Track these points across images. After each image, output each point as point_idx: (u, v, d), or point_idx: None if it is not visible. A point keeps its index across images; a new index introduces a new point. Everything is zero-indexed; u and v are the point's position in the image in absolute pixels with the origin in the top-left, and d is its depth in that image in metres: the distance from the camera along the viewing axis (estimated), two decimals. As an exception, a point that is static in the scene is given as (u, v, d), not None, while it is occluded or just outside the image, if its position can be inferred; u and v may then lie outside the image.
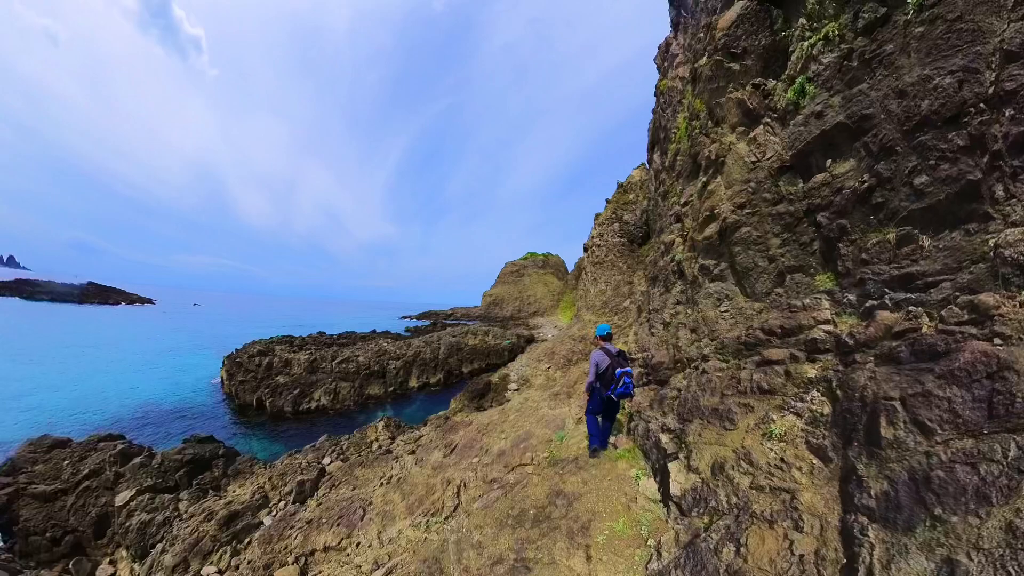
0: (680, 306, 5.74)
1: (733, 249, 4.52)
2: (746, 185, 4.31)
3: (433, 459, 6.63)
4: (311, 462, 8.22)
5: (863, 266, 3.19)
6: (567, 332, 27.09)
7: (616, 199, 23.39)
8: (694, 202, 5.55)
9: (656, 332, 6.13)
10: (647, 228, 21.35)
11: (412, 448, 8.41)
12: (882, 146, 2.97)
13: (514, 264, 72.23)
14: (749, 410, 3.69)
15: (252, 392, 19.04)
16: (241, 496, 6.98)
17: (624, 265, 23.97)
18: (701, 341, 4.97)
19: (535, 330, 41.10)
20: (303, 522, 5.57)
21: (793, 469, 2.93)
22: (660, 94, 13.73)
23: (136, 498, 7.35)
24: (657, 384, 5.74)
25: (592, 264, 27.07)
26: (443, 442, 7.56)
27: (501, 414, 8.99)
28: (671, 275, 6.05)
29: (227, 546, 5.77)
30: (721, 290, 4.83)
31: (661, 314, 6.14)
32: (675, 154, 7.65)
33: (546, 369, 19.68)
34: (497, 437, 6.74)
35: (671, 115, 10.60)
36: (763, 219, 4.16)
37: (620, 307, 22.49)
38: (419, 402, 21.58)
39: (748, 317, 4.34)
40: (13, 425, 15.51)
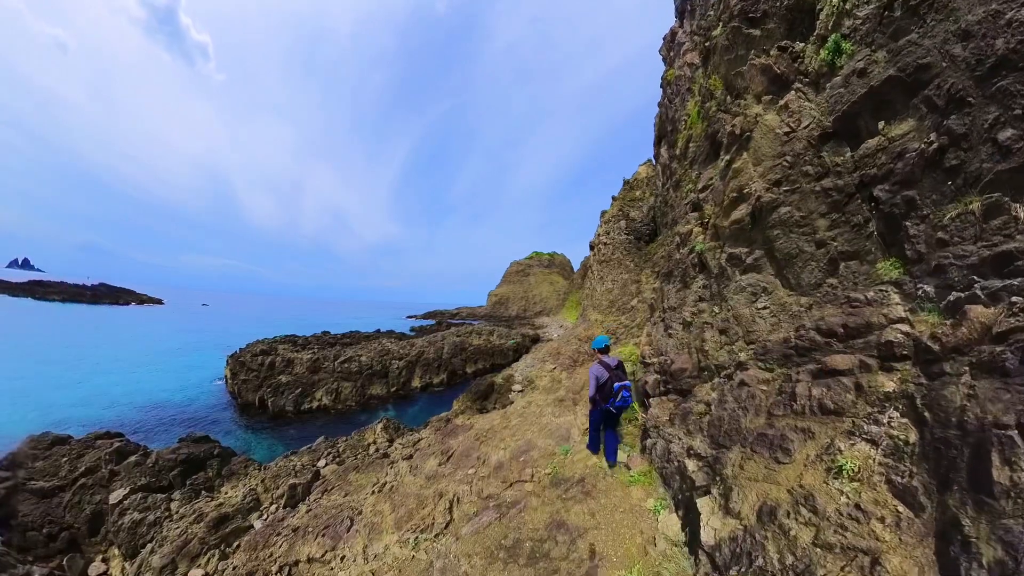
0: (703, 303, 5.10)
1: (770, 233, 3.91)
2: (780, 159, 3.79)
3: (428, 467, 6.40)
4: (306, 465, 8.09)
5: (940, 248, 2.58)
6: (573, 332, 26.77)
7: (622, 196, 23.02)
8: (715, 185, 5.03)
9: (674, 333, 5.60)
10: (654, 225, 20.95)
11: (410, 452, 8.22)
12: (950, 97, 2.51)
13: (519, 264, 72.31)
14: (808, 436, 2.96)
15: (254, 391, 19.09)
16: (233, 498, 6.86)
17: (631, 263, 23.57)
18: (734, 344, 4.30)
19: (540, 330, 40.81)
20: (290, 529, 5.40)
21: (873, 520, 2.25)
22: (667, 85, 13.41)
23: (129, 497, 7.31)
24: (678, 395, 5.05)
25: (598, 262, 26.70)
26: (440, 448, 7.31)
27: (503, 418, 8.73)
28: (690, 268, 5.52)
29: (215, 549, 5.64)
30: (757, 283, 4.16)
31: (679, 313, 5.62)
32: (686, 141, 7.35)
33: (551, 370, 19.38)
34: (496, 446, 6.43)
35: (680, 104, 10.30)
36: (805, 197, 3.59)
37: (627, 306, 22.10)
38: (422, 402, 21.46)
39: (795, 315, 3.68)
40: (21, 422, 15.72)
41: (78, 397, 19.93)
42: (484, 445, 6.68)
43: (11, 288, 68.54)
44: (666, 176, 15.77)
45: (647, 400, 5.61)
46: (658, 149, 16.47)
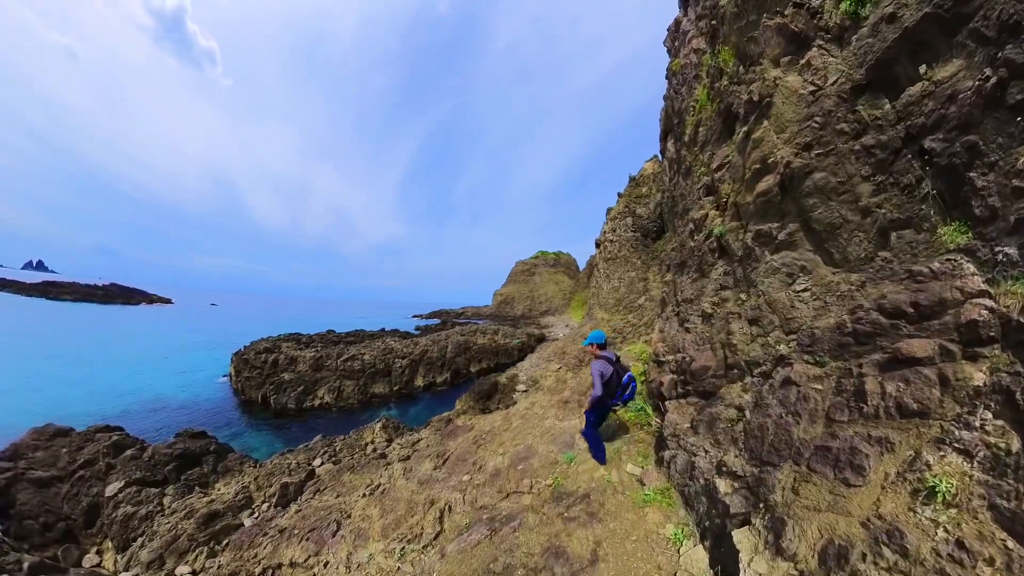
0: (726, 292, 4.61)
1: (805, 203, 3.50)
2: (808, 122, 3.44)
3: (422, 471, 6.18)
4: (301, 463, 8.02)
5: (1019, 198, 2.19)
6: (578, 331, 26.49)
7: (628, 193, 22.71)
8: (732, 161, 4.64)
9: (693, 327, 5.10)
10: (662, 222, 20.59)
11: (408, 453, 8.07)
12: (1002, 25, 2.23)
13: (525, 263, 72.36)
14: (886, 448, 2.37)
15: (257, 389, 19.24)
16: (225, 495, 6.82)
17: (638, 261, 23.22)
18: (769, 336, 3.80)
19: (546, 329, 40.57)
20: (277, 530, 5.29)
21: (980, 562, 1.73)
22: (672, 76, 13.09)
23: (124, 490, 7.33)
24: (699, 397, 4.56)
25: (605, 260, 26.37)
26: (437, 450, 7.08)
27: (504, 420, 8.52)
28: (707, 255, 5.08)
29: (204, 546, 5.59)
30: (793, 262, 3.66)
31: (697, 304, 5.14)
32: (695, 126, 7.02)
33: (556, 370, 19.16)
34: (494, 451, 6.18)
35: (687, 93, 9.94)
36: (843, 158, 3.22)
37: (635, 304, 21.76)
38: (424, 402, 21.41)
39: (845, 295, 3.19)
40: (31, 416, 16.05)
41: (86, 393, 20.34)
42: (482, 449, 6.45)
43: (25, 288, 71.25)
44: (673, 170, 15.43)
45: (663, 404, 5.13)
46: (664, 144, 16.15)
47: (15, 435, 10.02)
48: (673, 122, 13.39)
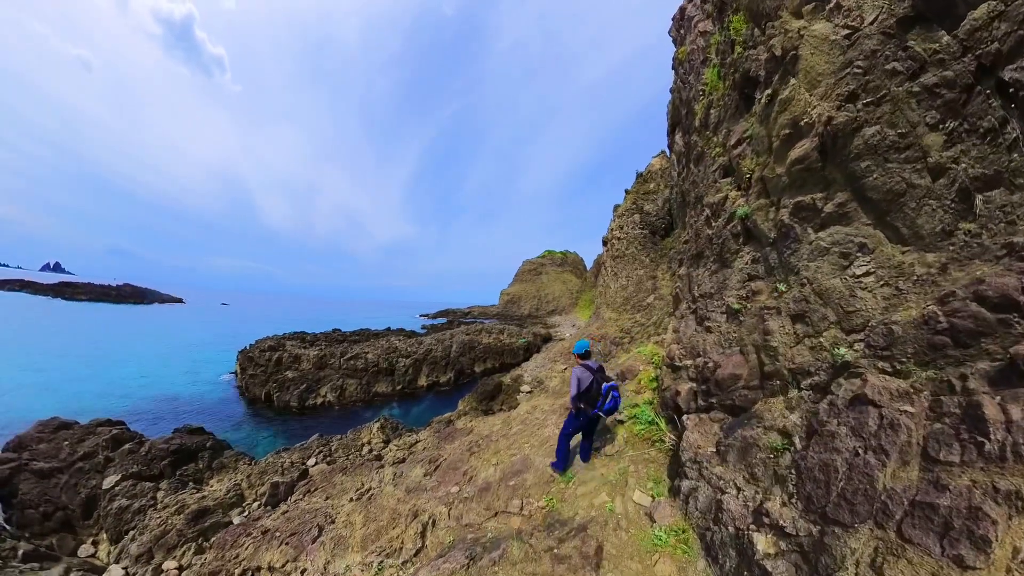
0: (758, 282, 3.96)
1: (856, 168, 2.93)
2: (848, 69, 2.94)
3: (412, 477, 6.04)
4: (295, 462, 8.04)
5: None
6: (585, 331, 26.20)
7: (636, 189, 22.35)
8: (754, 132, 4.14)
9: (715, 326, 4.50)
10: (670, 218, 20.21)
11: (403, 455, 7.99)
12: None
13: (532, 262, 72.33)
14: (1018, 508, 1.71)
15: (261, 386, 19.53)
16: (216, 492, 6.87)
17: (647, 259, 22.85)
18: (822, 335, 3.09)
19: (553, 329, 40.33)
20: (260, 531, 5.27)
21: None
22: (679, 65, 12.78)
23: (121, 483, 7.45)
24: (727, 412, 3.91)
25: (612, 258, 26.04)
26: (431, 455, 6.97)
27: (504, 424, 8.34)
28: (729, 241, 4.51)
29: (192, 542, 5.62)
30: (847, 238, 3.02)
31: (719, 299, 4.55)
32: (707, 108, 6.64)
33: (562, 371, 19.00)
34: (487, 460, 5.92)
35: (695, 80, 9.58)
36: (899, 105, 2.67)
37: (643, 303, 21.42)
38: (427, 402, 21.43)
39: (924, 280, 2.56)
40: (43, 411, 16.60)
41: (98, 389, 21.00)
42: (475, 457, 6.23)
43: (43, 289, 74.66)
44: (681, 164, 15.08)
45: (680, 419, 4.50)
46: (672, 137, 15.81)
47: (24, 428, 10.37)
48: (681, 113, 13.08)
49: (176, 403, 19.37)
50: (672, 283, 21.07)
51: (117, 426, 9.60)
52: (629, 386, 6.81)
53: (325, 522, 5.07)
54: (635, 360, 8.21)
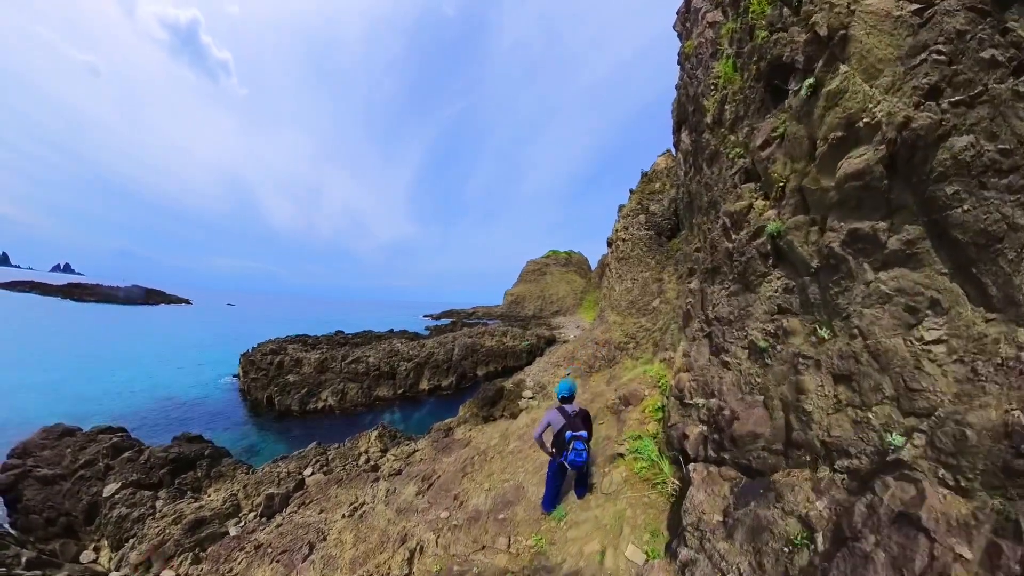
0: (791, 319, 3.36)
1: (939, 192, 2.25)
2: (924, 54, 2.31)
3: (405, 495, 5.97)
4: (292, 472, 8.09)
5: None
6: (589, 335, 26.07)
7: (641, 189, 22.20)
8: (788, 130, 3.51)
9: (734, 363, 3.99)
10: (676, 219, 20.04)
11: (400, 466, 7.97)
12: None
13: (536, 262, 72.51)
14: None
15: (263, 390, 19.73)
16: (213, 502, 6.94)
17: (652, 260, 22.70)
18: (871, 409, 2.54)
19: (557, 330, 40.23)
20: (254, 545, 5.31)
21: None
22: (685, 60, 12.57)
23: (120, 491, 7.58)
24: (740, 471, 3.47)
25: (617, 260, 25.89)
26: (425, 471, 6.87)
27: (502, 438, 8.19)
28: (755, 261, 3.90)
29: (189, 552, 5.68)
30: (916, 287, 2.39)
31: (740, 329, 3.99)
32: (720, 104, 6.19)
33: (565, 376, 18.94)
34: (480, 483, 5.76)
35: (703, 74, 9.22)
36: (1003, 109, 2.05)
37: (648, 307, 21.27)
38: (429, 406, 21.47)
39: (1009, 367, 2.02)
40: (47, 413, 16.93)
41: (103, 390, 21.41)
42: (467, 479, 6.07)
43: (52, 290, 76.60)
44: (688, 163, 14.89)
45: (687, 467, 4.02)
46: (679, 135, 15.66)
47: (29, 432, 10.59)
48: (688, 110, 12.85)
49: (180, 406, 19.66)
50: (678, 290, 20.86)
51: (118, 433, 9.76)
52: (632, 414, 6.55)
53: (317, 539, 5.08)
54: (639, 382, 7.79)
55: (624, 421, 6.33)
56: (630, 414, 6.51)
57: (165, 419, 17.59)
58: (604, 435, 6.12)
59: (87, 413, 17.21)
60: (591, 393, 14.47)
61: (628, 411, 6.68)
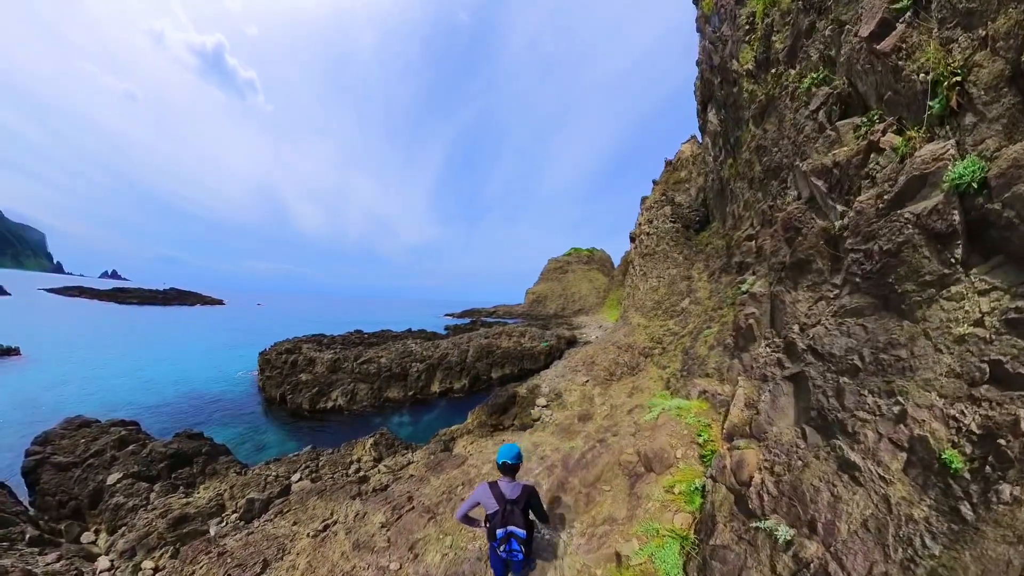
0: None
1: None
2: None
3: (368, 528, 5.66)
4: (280, 476, 8.35)
5: None
6: (611, 338, 25.34)
7: (665, 179, 21.31)
8: None
9: (867, 468, 2.41)
10: (706, 210, 19.03)
11: (388, 480, 7.90)
12: None
13: (557, 260, 72.74)
14: None
15: (277, 387, 20.82)
16: (200, 499, 7.35)
17: (680, 256, 21.73)
18: None
19: (578, 330, 39.58)
20: (219, 551, 5.47)
21: None
22: (706, 22, 11.72)
23: (121, 481, 8.26)
24: None
25: (641, 256, 25.02)
26: (400, 498, 6.48)
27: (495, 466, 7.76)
28: (910, 252, 2.39)
29: (170, 546, 6.05)
30: None
31: (879, 391, 2.48)
32: (764, 40, 4.81)
33: (583, 384, 18.27)
34: (443, 536, 5.12)
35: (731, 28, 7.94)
36: None
37: (676, 308, 20.38)
38: (439, 409, 21.72)
39: None
40: (78, 405, 18.86)
41: (135, 383, 23.61)
42: (434, 524, 5.44)
43: (99, 295, 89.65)
44: (717, 147, 14.04)
45: None
46: (704, 117, 14.82)
47: (55, 422, 11.79)
48: (713, 85, 11.97)
49: (202, 398, 21.35)
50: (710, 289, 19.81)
51: (129, 426, 10.61)
52: (653, 487, 4.57)
53: (275, 556, 5.18)
54: (671, 431, 5.37)
55: (639, 497, 4.47)
56: (650, 487, 4.61)
57: (185, 412, 19.08)
58: (606, 514, 4.48)
59: (117, 404, 19.15)
60: (614, 399, 13.82)
61: (648, 481, 4.75)
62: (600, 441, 7.15)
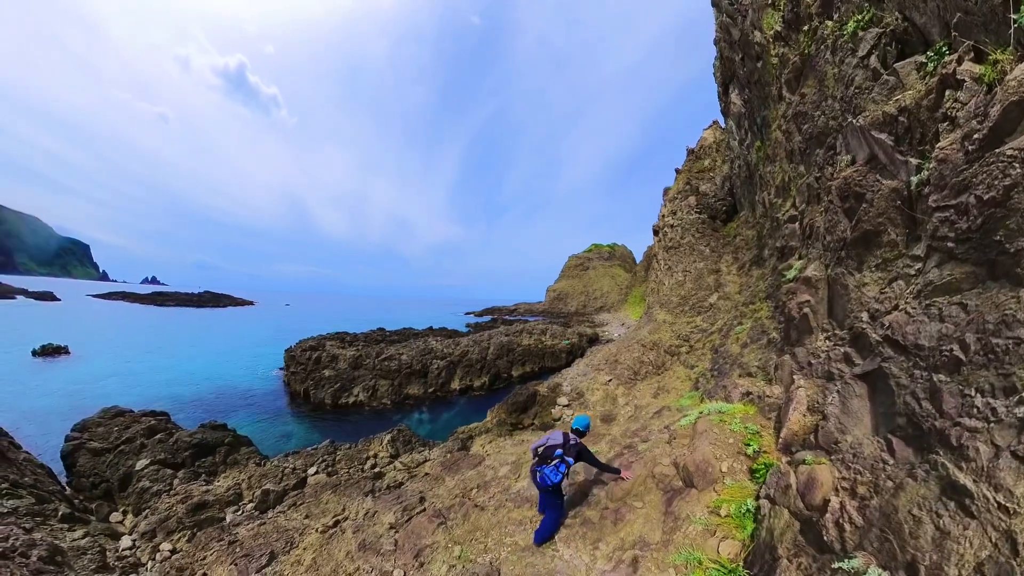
0: None
1: None
2: None
3: (376, 528, 5.52)
4: (297, 468, 8.56)
5: None
6: (635, 335, 24.64)
7: (688, 168, 20.50)
8: None
9: (933, 432, 2.13)
10: (733, 199, 18.15)
11: (403, 478, 7.85)
12: None
13: (578, 257, 72.07)
14: None
15: (301, 383, 21.53)
16: (219, 488, 7.63)
17: (706, 249, 20.86)
18: None
19: (600, 328, 38.89)
20: (230, 540, 5.59)
21: None
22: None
23: (148, 467, 8.71)
24: None
25: (665, 249, 24.21)
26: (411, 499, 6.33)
27: (513, 466, 7.23)
28: None
29: (188, 531, 6.28)
30: None
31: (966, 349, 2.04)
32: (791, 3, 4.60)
33: (605, 383, 17.73)
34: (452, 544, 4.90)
35: None
36: None
37: (704, 304, 19.61)
38: (459, 407, 21.78)
39: None
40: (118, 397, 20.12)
41: (170, 378, 25.19)
42: (443, 530, 5.15)
43: (140, 299, 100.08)
44: (743, 130, 13.31)
45: None
46: (726, 100, 14.10)
47: (94, 411, 12.61)
48: (734, 63, 11.25)
49: (230, 392, 22.53)
50: (740, 283, 18.93)
51: (159, 417, 11.20)
52: (695, 504, 3.98)
53: (282, 549, 5.22)
54: (713, 438, 4.66)
55: (677, 518, 3.84)
56: (690, 505, 3.96)
57: (215, 405, 20.13)
58: (637, 535, 3.92)
59: (153, 396, 20.48)
60: (634, 407, 13.19)
61: (687, 498, 4.10)
62: (628, 447, 6.48)
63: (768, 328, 9.80)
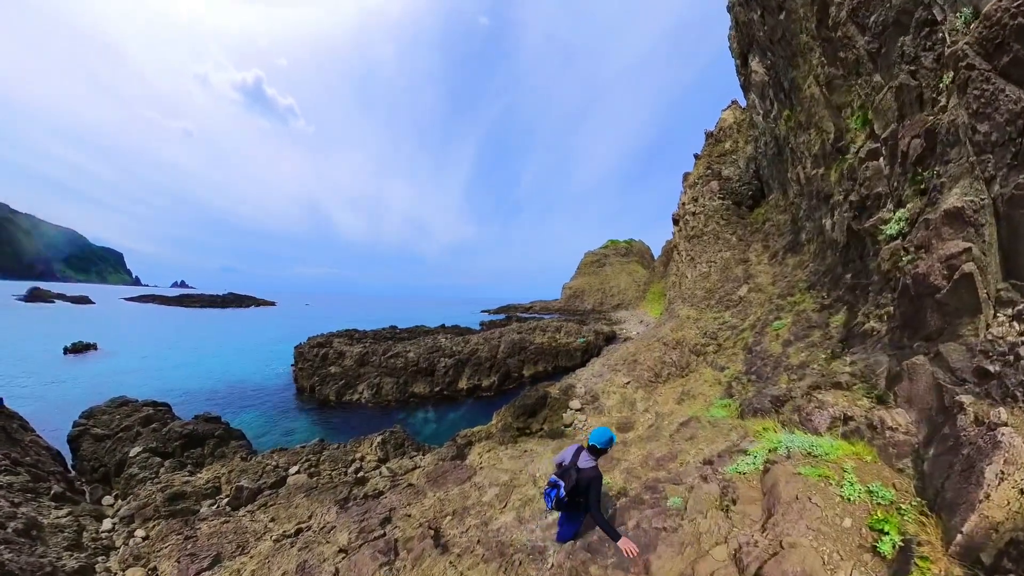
0: None
1: None
2: None
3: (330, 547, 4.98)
4: (279, 466, 8.52)
5: None
6: (655, 333, 23.69)
7: (708, 152, 19.53)
8: None
9: None
10: (759, 182, 17.12)
11: (385, 486, 7.41)
12: None
13: (594, 254, 71.72)
14: None
15: (308, 379, 22.01)
16: (199, 480, 7.76)
17: (732, 237, 19.77)
18: None
19: (617, 325, 37.96)
20: (186, 536, 5.54)
21: None
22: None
23: (140, 455, 9.07)
24: None
25: (687, 240, 23.20)
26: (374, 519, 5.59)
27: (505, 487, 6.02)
28: None
29: (164, 520, 6.39)
30: None
31: None
32: None
33: (623, 385, 16.85)
34: None
35: None
36: None
37: (732, 297, 18.62)
38: (466, 408, 21.52)
39: None
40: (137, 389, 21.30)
41: (189, 372, 26.63)
42: (382, 574, 4.37)
43: (168, 301, 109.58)
44: (768, 100, 12.40)
45: None
46: (746, 71, 13.24)
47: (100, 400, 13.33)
48: (752, 25, 10.40)
49: (243, 386, 23.53)
50: (773, 274, 18.02)
51: (160, 407, 11.66)
52: None
53: (229, 554, 5.07)
54: (807, 513, 2.83)
55: None
56: None
57: (225, 398, 21.04)
58: None
59: (169, 389, 21.71)
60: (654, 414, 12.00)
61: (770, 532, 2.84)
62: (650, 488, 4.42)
63: (817, 322, 8.61)
